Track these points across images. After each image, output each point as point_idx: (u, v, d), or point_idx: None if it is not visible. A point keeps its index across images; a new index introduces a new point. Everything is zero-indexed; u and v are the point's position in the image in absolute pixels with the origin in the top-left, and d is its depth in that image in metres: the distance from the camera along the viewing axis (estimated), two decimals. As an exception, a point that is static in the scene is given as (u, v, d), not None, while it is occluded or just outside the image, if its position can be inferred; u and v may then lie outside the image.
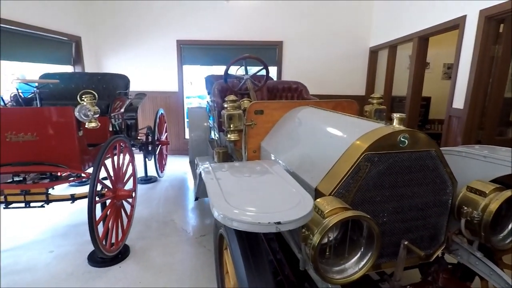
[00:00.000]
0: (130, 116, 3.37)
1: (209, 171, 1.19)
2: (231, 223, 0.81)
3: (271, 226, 0.78)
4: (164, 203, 3.60)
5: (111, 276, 2.25)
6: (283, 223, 0.79)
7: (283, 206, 0.90)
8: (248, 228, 0.79)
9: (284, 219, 0.80)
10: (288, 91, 3.41)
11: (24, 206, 2.31)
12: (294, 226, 0.82)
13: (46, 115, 2.24)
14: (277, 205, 0.91)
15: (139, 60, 5.36)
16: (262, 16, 5.12)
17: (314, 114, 1.90)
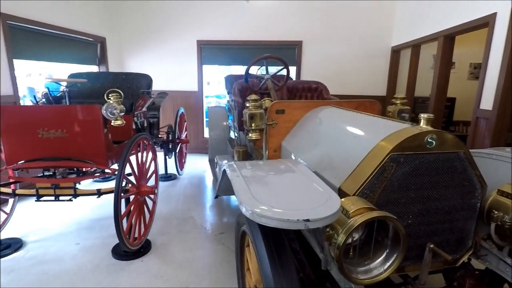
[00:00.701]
0: (152, 115, 3.46)
1: (234, 169, 1.21)
2: (260, 219, 0.82)
3: (300, 223, 0.79)
4: (183, 200, 3.67)
5: (134, 269, 2.32)
6: (312, 221, 0.79)
7: (311, 204, 0.91)
8: (277, 224, 0.80)
9: (313, 216, 0.80)
10: (308, 91, 3.40)
11: (54, 200, 2.42)
12: (323, 224, 0.83)
13: (75, 113, 2.33)
14: (305, 203, 0.92)
15: (161, 60, 5.49)
16: (281, 16, 5.12)
17: (336, 114, 1.89)
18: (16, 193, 2.40)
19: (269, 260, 0.99)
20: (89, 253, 2.53)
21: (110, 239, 2.71)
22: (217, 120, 3.84)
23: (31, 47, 3.86)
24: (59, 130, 2.31)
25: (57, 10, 4.09)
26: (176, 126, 4.17)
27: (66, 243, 2.69)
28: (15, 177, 2.57)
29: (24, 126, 2.27)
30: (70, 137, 2.33)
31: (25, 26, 3.63)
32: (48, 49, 4.16)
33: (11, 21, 3.42)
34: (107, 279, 2.21)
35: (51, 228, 2.93)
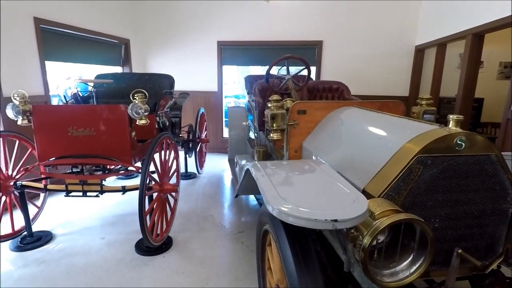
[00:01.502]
0: (174, 114, 3.54)
1: (259, 168, 1.23)
2: (287, 218, 0.83)
3: (328, 223, 0.79)
4: (202, 199, 3.73)
5: (156, 265, 2.39)
6: (339, 221, 0.79)
7: (338, 204, 0.91)
8: (304, 224, 0.81)
9: (341, 217, 0.80)
10: (329, 91, 3.37)
11: (81, 195, 2.52)
12: (351, 225, 0.83)
13: (102, 112, 2.42)
14: (331, 203, 0.92)
15: (181, 61, 5.61)
16: (302, 15, 5.09)
17: (359, 115, 1.86)
18: (48, 188, 2.52)
19: (293, 259, 1.00)
20: (114, 247, 2.63)
21: (133, 235, 2.80)
22: (237, 120, 3.88)
23: (61, 49, 4.04)
24: (88, 129, 2.41)
25: (84, 13, 4.26)
26: (197, 126, 4.24)
27: (92, 237, 2.80)
28: (46, 173, 2.69)
29: (56, 124, 2.39)
30: (98, 135, 2.42)
31: (55, 29, 3.81)
32: (76, 51, 4.34)
33: (44, 25, 3.59)
34: (131, 273, 2.28)
35: (78, 223, 3.06)
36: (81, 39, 4.32)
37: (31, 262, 2.39)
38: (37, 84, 3.56)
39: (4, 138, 2.63)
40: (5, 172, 2.59)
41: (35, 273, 2.26)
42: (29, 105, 2.40)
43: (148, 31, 5.61)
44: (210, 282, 2.19)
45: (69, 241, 2.71)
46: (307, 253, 1.04)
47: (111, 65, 5.22)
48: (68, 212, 3.27)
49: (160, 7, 5.47)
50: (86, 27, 4.28)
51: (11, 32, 3.21)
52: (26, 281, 2.17)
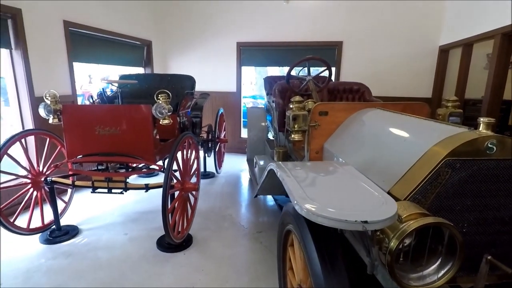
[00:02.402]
0: (195, 115, 3.60)
1: (284, 169, 1.24)
2: (316, 218, 0.84)
3: (358, 224, 0.80)
4: (221, 198, 3.78)
5: (177, 262, 2.44)
6: (370, 223, 0.80)
7: (367, 206, 0.91)
8: (333, 224, 0.82)
9: (371, 218, 0.81)
10: (349, 92, 3.33)
11: (107, 192, 2.62)
12: (381, 227, 0.83)
13: (127, 112, 2.50)
14: (360, 205, 0.92)
15: (201, 62, 5.70)
16: (322, 16, 5.06)
17: (383, 116, 1.84)
18: (75, 185, 2.63)
19: (319, 259, 1.00)
20: (136, 243, 2.71)
21: (154, 232, 2.87)
22: (255, 121, 3.90)
23: (87, 51, 4.20)
24: (113, 128, 2.49)
25: (109, 15, 4.41)
26: (216, 126, 4.29)
27: (115, 232, 2.89)
28: (74, 170, 2.81)
29: (84, 123, 2.49)
30: (123, 134, 2.50)
31: (82, 31, 3.96)
32: (101, 52, 4.50)
33: (72, 28, 3.75)
34: (153, 268, 2.35)
35: (102, 218, 3.17)
36: (105, 40, 4.47)
37: (59, 255, 2.50)
38: (65, 84, 3.72)
39: (36, 136, 2.76)
40: (37, 168, 2.72)
41: (63, 265, 2.36)
42: (59, 104, 2.51)
43: (169, 33, 5.74)
44: (229, 281, 2.22)
45: (94, 236, 2.82)
46: (333, 253, 1.05)
47: (133, 66, 5.37)
48: (92, 208, 3.40)
49: (181, 9, 5.58)
50: (110, 29, 4.43)
51: (42, 35, 3.37)
52: (55, 272, 2.27)
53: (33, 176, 2.69)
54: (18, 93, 3.26)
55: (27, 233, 2.62)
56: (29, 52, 3.21)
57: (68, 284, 2.14)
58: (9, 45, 3.11)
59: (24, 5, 3.14)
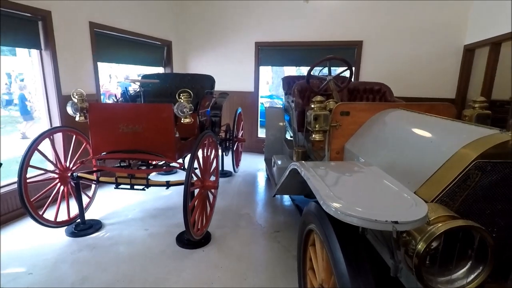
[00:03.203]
0: (214, 114, 3.65)
1: (308, 168, 1.24)
2: (344, 217, 0.84)
3: (388, 224, 0.79)
4: (238, 197, 3.81)
5: (196, 258, 2.48)
6: (400, 223, 0.79)
7: (396, 206, 0.90)
8: (363, 224, 0.81)
9: (401, 219, 0.80)
10: (370, 92, 3.28)
11: (129, 188, 2.69)
12: (411, 227, 0.82)
13: (150, 110, 2.57)
14: (389, 205, 0.91)
15: (220, 61, 5.76)
16: (342, 15, 5.00)
17: (407, 117, 1.81)
18: (100, 180, 2.72)
19: (344, 259, 1.00)
20: (156, 239, 2.77)
21: (174, 228, 2.93)
22: (274, 120, 3.90)
23: (110, 51, 4.32)
24: (136, 126, 2.56)
25: (131, 16, 4.53)
26: (234, 125, 4.33)
27: (136, 228, 2.97)
28: (98, 166, 2.90)
29: (109, 121, 2.57)
30: (145, 132, 2.57)
31: (107, 32, 4.08)
32: (123, 52, 4.62)
33: (97, 29, 3.88)
34: (173, 264, 2.40)
35: (123, 214, 3.27)
36: (127, 41, 4.59)
37: (84, 247, 2.60)
38: (90, 83, 3.85)
39: (64, 133, 2.88)
40: (64, 163, 2.83)
41: (88, 257, 2.45)
42: (86, 103, 2.61)
43: (188, 33, 5.83)
44: (248, 278, 2.24)
45: (116, 230, 2.91)
46: (358, 253, 1.04)
47: (153, 66, 5.49)
48: (114, 203, 3.50)
49: (200, 9, 5.66)
50: (132, 30, 4.54)
51: (70, 36, 3.50)
52: (80, 264, 2.36)
53: (60, 171, 2.80)
54: (46, 92, 3.40)
55: (54, 225, 2.74)
56: (57, 52, 3.35)
57: (93, 276, 2.22)
58: (39, 46, 3.25)
59: (54, 7, 3.27)
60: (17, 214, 3.04)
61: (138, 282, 2.17)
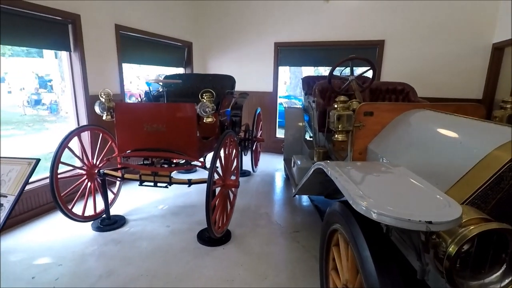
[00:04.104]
0: (235, 114, 3.69)
1: (334, 168, 1.24)
2: (377, 216, 0.84)
3: (421, 224, 0.79)
4: (257, 196, 3.83)
5: (216, 255, 2.52)
6: (434, 223, 0.78)
7: (429, 207, 0.89)
8: (396, 223, 0.81)
9: (435, 219, 0.79)
10: (392, 92, 3.22)
11: (153, 185, 2.77)
12: (446, 228, 0.81)
13: (174, 110, 2.63)
14: (422, 206, 0.90)
15: (239, 62, 5.81)
16: (363, 15, 4.93)
17: (434, 118, 1.77)
18: (125, 177, 2.81)
19: (373, 259, 1.00)
20: (178, 235, 2.83)
21: (194, 225, 2.99)
22: (293, 121, 3.90)
23: (134, 52, 4.45)
24: (160, 125, 2.64)
25: (154, 18, 4.64)
26: (254, 125, 4.36)
27: (158, 224, 3.05)
28: (123, 163, 3.00)
29: (134, 120, 2.65)
30: (169, 131, 2.64)
31: (131, 34, 4.21)
32: (146, 53, 4.75)
33: (122, 31, 4.00)
34: (194, 260, 2.45)
35: (146, 210, 3.36)
36: (150, 42, 4.71)
37: (109, 242, 2.69)
38: (115, 84, 3.98)
39: (92, 131, 2.99)
40: (91, 160, 2.95)
41: (114, 252, 2.54)
42: (112, 102, 2.70)
43: (209, 34, 5.91)
44: (268, 277, 2.25)
45: (139, 226, 2.99)
46: (386, 253, 1.03)
47: (174, 67, 5.61)
48: (137, 200, 3.60)
49: (220, 10, 5.73)
50: (155, 32, 4.66)
51: (97, 38, 3.64)
52: (106, 258, 2.45)
53: (87, 168, 2.92)
54: (75, 92, 3.55)
55: (82, 220, 2.85)
56: (85, 54, 3.48)
57: (118, 269, 2.30)
58: (69, 48, 3.39)
59: (83, 10, 3.41)
60: (47, 208, 3.19)
61: (161, 276, 2.23)
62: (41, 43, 3.17)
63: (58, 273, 2.25)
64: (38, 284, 2.13)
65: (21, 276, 2.21)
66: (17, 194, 1.30)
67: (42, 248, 2.58)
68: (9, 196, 1.31)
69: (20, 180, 1.34)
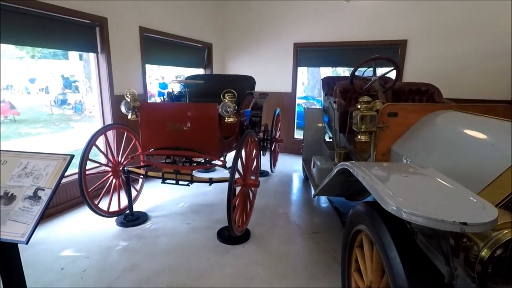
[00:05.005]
0: (255, 114, 3.72)
1: (361, 168, 1.24)
2: (409, 216, 0.83)
3: (456, 225, 0.78)
4: (275, 196, 3.84)
5: (236, 253, 2.55)
6: (469, 225, 0.77)
7: (463, 208, 0.88)
8: (428, 223, 0.80)
9: (471, 220, 0.78)
10: (416, 93, 3.15)
11: (175, 183, 2.83)
12: (481, 230, 0.80)
13: (196, 110, 2.69)
14: (456, 207, 0.89)
15: (258, 62, 5.84)
16: (384, 14, 4.84)
17: (462, 119, 1.73)
18: (148, 175, 2.89)
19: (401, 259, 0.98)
20: (198, 233, 2.88)
21: (214, 224, 3.03)
22: (312, 122, 3.88)
23: (156, 54, 4.56)
24: (183, 124, 2.70)
25: (176, 20, 4.74)
26: (273, 125, 4.37)
27: (179, 221, 3.11)
28: (146, 161, 3.09)
29: (158, 119, 2.73)
30: (191, 130, 2.69)
31: (154, 36, 4.32)
32: (167, 55, 4.86)
33: (146, 33, 4.12)
34: (214, 257, 2.49)
35: (167, 208, 3.44)
36: (171, 44, 4.81)
37: (132, 237, 2.78)
38: (138, 84, 4.10)
39: (117, 130, 3.10)
40: (116, 158, 3.05)
41: (137, 247, 2.62)
42: (137, 102, 2.79)
43: (228, 35, 5.98)
44: (288, 277, 2.26)
45: (161, 223, 3.07)
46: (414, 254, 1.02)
47: (194, 68, 5.70)
48: (158, 198, 3.69)
49: (240, 11, 5.79)
50: (176, 33, 4.76)
51: (122, 40, 3.76)
52: (130, 252, 2.53)
53: (113, 165, 3.02)
54: (101, 92, 3.68)
55: (107, 215, 2.96)
56: (111, 55, 3.61)
57: (142, 264, 2.38)
58: (96, 50, 3.53)
59: (109, 14, 3.54)
60: (74, 203, 3.32)
61: (183, 272, 2.29)
62: (72, 45, 3.32)
63: (85, 265, 2.35)
64: (67, 275, 2.23)
65: (51, 267, 2.32)
66: (53, 188, 1.37)
67: (70, 240, 2.70)
68: (46, 189, 1.38)
69: (57, 175, 1.42)
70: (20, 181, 1.43)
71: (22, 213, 1.33)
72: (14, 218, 1.32)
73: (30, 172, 1.45)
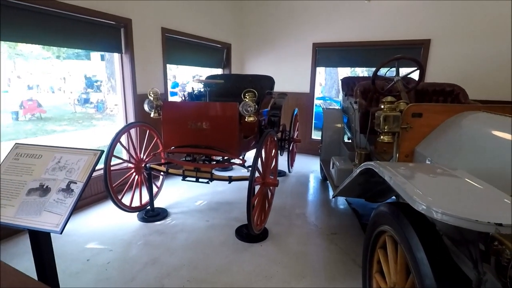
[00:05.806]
0: (274, 114, 3.73)
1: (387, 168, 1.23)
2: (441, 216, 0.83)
3: (490, 226, 0.76)
4: (292, 196, 3.83)
5: (254, 251, 2.57)
6: (505, 226, 0.76)
7: (496, 209, 0.86)
8: (461, 224, 0.79)
9: (507, 221, 0.76)
10: (440, 94, 3.07)
11: (195, 181, 2.88)
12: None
13: (217, 109, 2.73)
14: (488, 208, 0.87)
15: (276, 62, 5.85)
16: (407, 13, 4.74)
17: (491, 120, 1.68)
18: (169, 172, 2.96)
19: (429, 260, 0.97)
20: (217, 230, 2.93)
21: (232, 222, 3.07)
22: (331, 122, 3.85)
23: (177, 54, 4.65)
24: (204, 123, 2.74)
25: (196, 21, 4.82)
26: (291, 126, 4.37)
27: (198, 218, 3.17)
28: (167, 159, 3.16)
29: (179, 118, 2.79)
30: (212, 129, 2.74)
31: (175, 36, 4.41)
32: (188, 55, 4.94)
33: (167, 34, 4.21)
34: (233, 255, 2.52)
35: (186, 205, 3.50)
36: (192, 44, 4.90)
37: (153, 232, 2.85)
38: (159, 84, 4.20)
39: (140, 128, 3.19)
40: (139, 155, 3.14)
41: (158, 242, 2.69)
42: (160, 101, 2.86)
43: (247, 35, 6.02)
44: (306, 276, 2.26)
45: (181, 219, 3.13)
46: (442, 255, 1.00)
47: (213, 68, 5.77)
48: (177, 195, 3.77)
49: (259, 11, 5.82)
50: (197, 34, 4.84)
51: (145, 41, 3.87)
52: (151, 247, 2.60)
53: (136, 162, 3.11)
54: (124, 91, 3.80)
55: (129, 210, 3.05)
56: (135, 55, 3.72)
57: (162, 259, 2.44)
58: (121, 50, 3.64)
59: (133, 15, 3.64)
60: (98, 198, 3.45)
61: (202, 268, 2.33)
62: (98, 45, 3.44)
63: (109, 258, 2.43)
64: (92, 266, 2.32)
65: (77, 258, 2.42)
66: (85, 181, 1.44)
67: (94, 233, 2.80)
68: (78, 182, 1.45)
69: (88, 169, 1.48)
70: (54, 174, 1.50)
71: (56, 204, 1.40)
72: (49, 209, 1.39)
73: (64, 166, 1.52)
